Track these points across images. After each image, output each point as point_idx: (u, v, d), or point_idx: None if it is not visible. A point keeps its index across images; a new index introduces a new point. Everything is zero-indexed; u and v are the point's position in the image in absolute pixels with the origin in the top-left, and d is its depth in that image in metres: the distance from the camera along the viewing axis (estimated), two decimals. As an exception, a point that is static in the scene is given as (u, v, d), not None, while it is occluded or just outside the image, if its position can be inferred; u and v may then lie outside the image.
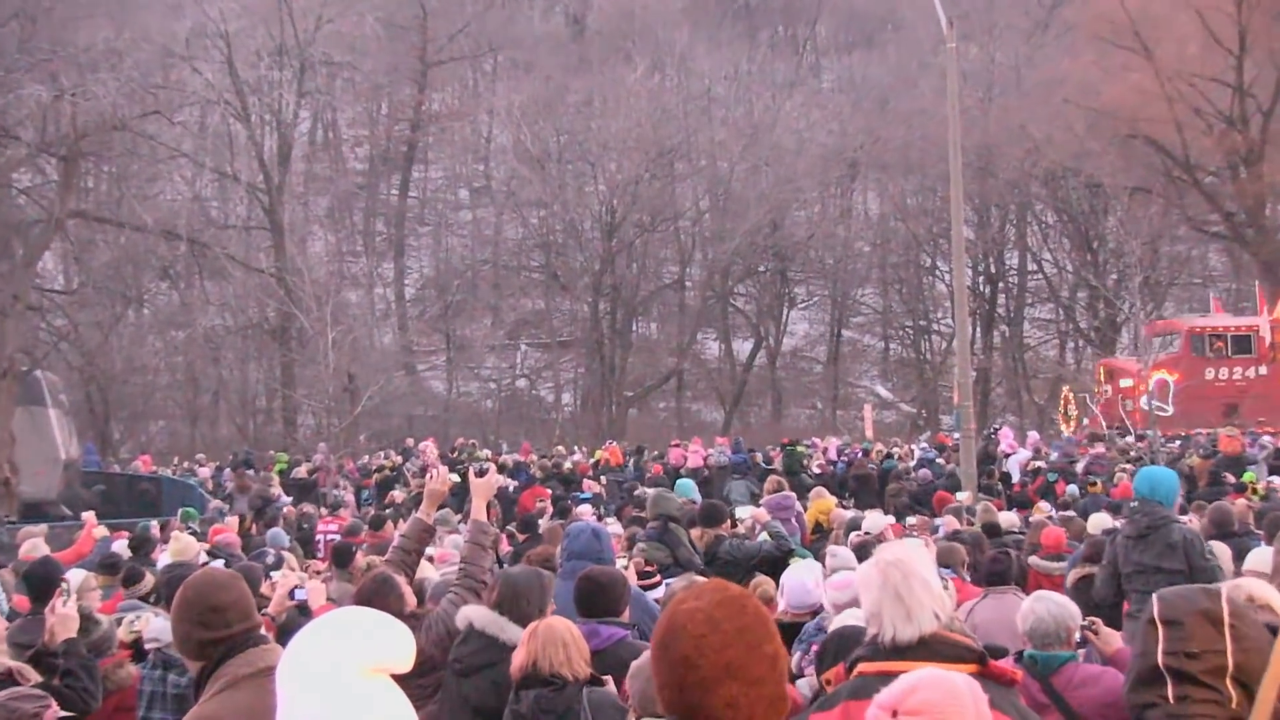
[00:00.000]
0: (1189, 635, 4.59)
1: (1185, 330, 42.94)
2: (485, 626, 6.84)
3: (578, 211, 60.33)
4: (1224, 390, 41.32)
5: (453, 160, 73.75)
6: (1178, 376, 40.99)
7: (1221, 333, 43.37)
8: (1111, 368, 44.95)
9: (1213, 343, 42.90)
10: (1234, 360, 43.04)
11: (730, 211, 61.02)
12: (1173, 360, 41.89)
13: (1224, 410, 41.41)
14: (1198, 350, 42.55)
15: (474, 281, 66.65)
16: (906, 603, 4.76)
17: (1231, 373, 42.87)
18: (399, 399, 50.73)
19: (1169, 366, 41.30)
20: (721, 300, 64.44)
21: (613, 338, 59.78)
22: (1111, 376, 44.13)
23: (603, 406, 58.27)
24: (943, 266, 64.60)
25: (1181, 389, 40.62)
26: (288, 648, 3.41)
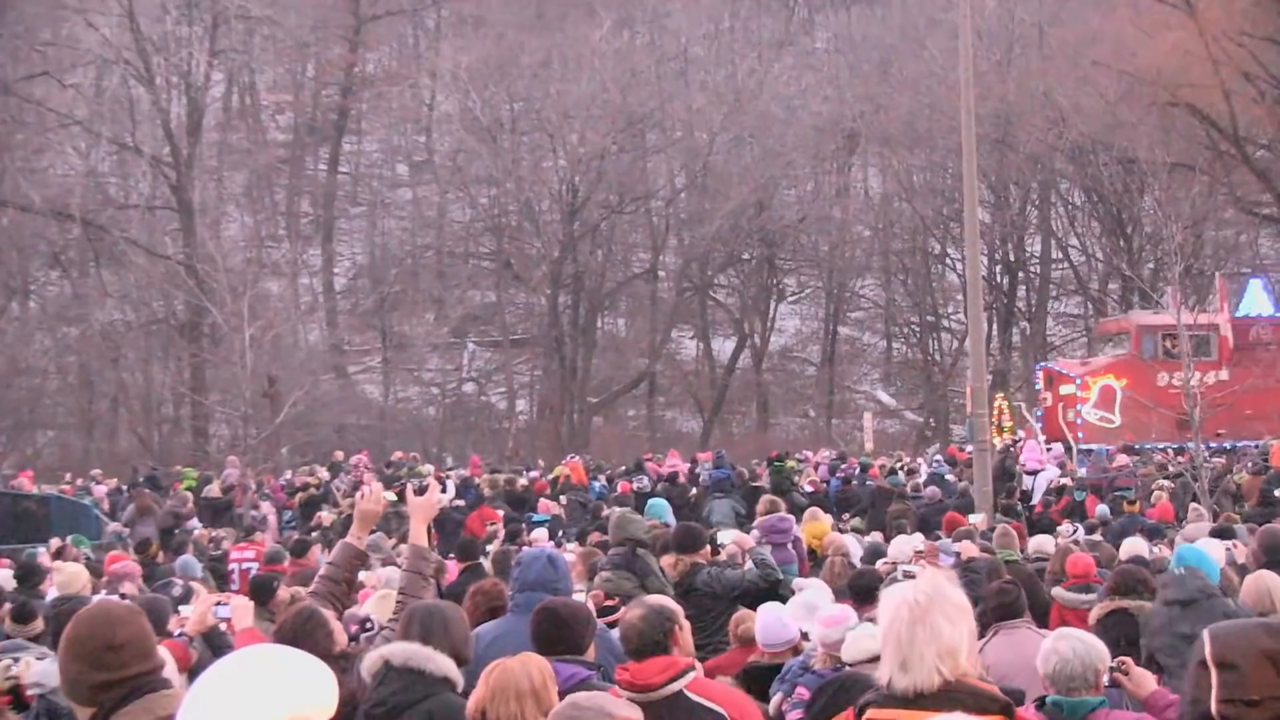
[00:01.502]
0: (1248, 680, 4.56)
1: (1135, 329, 42.90)
2: (408, 660, 6.82)
3: (534, 190, 60.26)
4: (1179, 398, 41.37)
5: (390, 130, 73.60)
6: (1126, 382, 41.16)
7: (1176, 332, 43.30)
8: (1052, 372, 45.00)
9: (1166, 343, 42.89)
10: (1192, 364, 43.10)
11: (710, 190, 61.04)
12: (1121, 364, 42.04)
13: (1178, 421, 41.56)
14: (1149, 352, 42.45)
15: (414, 270, 66.52)
16: (904, 652, 4.79)
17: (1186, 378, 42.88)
18: (327, 406, 50.60)
19: (1116, 371, 41.48)
20: (700, 292, 64.46)
21: (575, 335, 59.77)
22: (1052, 382, 44.13)
23: (563, 414, 58.24)
24: (954, 254, 64.72)
25: (1130, 396, 40.79)
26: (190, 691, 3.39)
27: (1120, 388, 41.11)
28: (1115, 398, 40.93)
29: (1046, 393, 44.45)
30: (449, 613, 7.19)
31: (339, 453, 41.63)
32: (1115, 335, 44.72)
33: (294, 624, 7.30)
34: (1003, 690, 5.04)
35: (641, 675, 6.83)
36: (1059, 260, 68.10)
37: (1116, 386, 41.03)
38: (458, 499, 31.15)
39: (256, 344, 38.30)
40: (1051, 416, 42.92)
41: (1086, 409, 41.07)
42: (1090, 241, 66.78)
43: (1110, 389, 41.00)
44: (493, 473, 36.62)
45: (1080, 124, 55.66)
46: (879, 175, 71.17)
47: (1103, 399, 41.13)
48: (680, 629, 7.23)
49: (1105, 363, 43.26)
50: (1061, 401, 42.45)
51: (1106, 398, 41.27)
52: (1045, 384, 45.02)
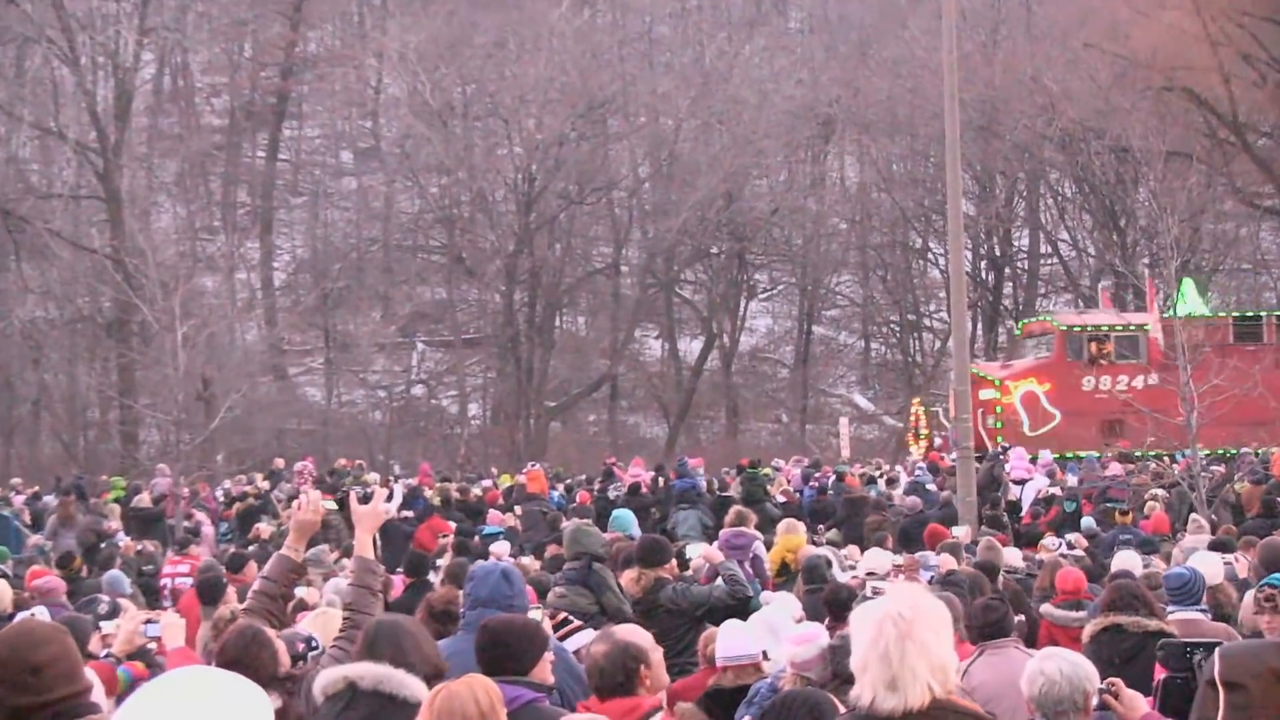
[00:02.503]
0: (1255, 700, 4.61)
1: (1059, 330, 42.94)
2: (379, 684, 6.67)
3: (488, 179, 60.20)
4: (1105, 404, 41.31)
5: (333, 115, 73.47)
6: (1049, 387, 41.26)
7: (1103, 333, 43.24)
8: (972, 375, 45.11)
9: (1092, 345, 42.91)
10: (1118, 367, 42.99)
11: (676, 180, 61.07)
12: (1044, 366, 42.14)
13: (1104, 427, 41.69)
14: (1074, 354, 42.46)
15: (359, 265, 66.41)
16: (894, 668, 4.79)
17: (1115, 382, 42.73)
18: (266, 410, 50.46)
19: (1039, 374, 41.58)
20: (665, 289, 64.48)
21: (531, 335, 59.71)
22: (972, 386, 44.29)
23: (518, 419, 58.16)
24: (936, 248, 64.88)
25: (1054, 401, 40.93)
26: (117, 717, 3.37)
27: (1043, 393, 41.16)
28: (1038, 403, 40.97)
29: None
30: (414, 628, 7.15)
31: (279, 460, 41.50)
32: (1039, 336, 44.70)
33: (237, 644, 7.27)
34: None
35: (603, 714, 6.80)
36: (1048, 255, 68.37)
37: (1039, 391, 41.08)
38: (406, 509, 31.07)
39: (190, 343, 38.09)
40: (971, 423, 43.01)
41: (1007, 415, 41.15)
42: (1081, 235, 67.02)
43: (1032, 394, 41.06)
44: (443, 481, 36.56)
45: (1070, 110, 55.84)
46: (856, 164, 71.32)
47: (1025, 404, 41.20)
48: (648, 667, 7.22)
49: (1027, 366, 43.24)
50: (981, 407, 42.43)
51: (1028, 403, 41.32)
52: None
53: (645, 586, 12.79)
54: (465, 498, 33.35)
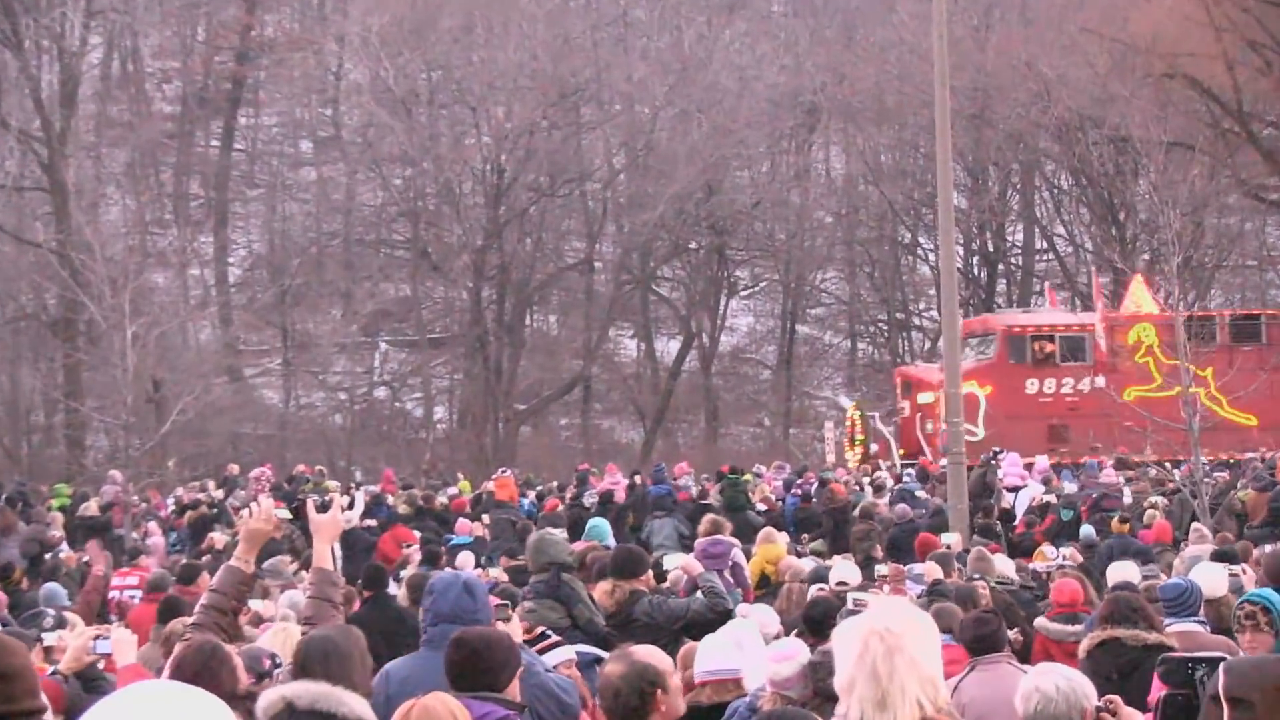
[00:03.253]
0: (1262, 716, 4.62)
1: (1001, 330, 42.87)
2: (316, 702, 6.55)
3: (455, 170, 60.13)
4: (1049, 407, 41.28)
5: (291, 102, 73.30)
6: (990, 390, 41.29)
7: (1047, 333, 43.15)
8: (910, 377, 44.97)
9: (1036, 346, 42.85)
10: (1063, 369, 42.91)
11: (652, 171, 61.07)
12: (985, 369, 42.15)
13: (1048, 433, 41.72)
14: (1017, 356, 42.40)
15: (319, 260, 66.28)
16: (884, 685, 4.79)
17: (1059, 385, 42.66)
18: (220, 413, 50.28)
19: (980, 377, 41.62)
20: (641, 286, 64.48)
21: (500, 334, 59.68)
22: (910, 389, 44.09)
23: (486, 423, 58.14)
24: (926, 243, 64.98)
25: (996, 406, 40.97)
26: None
27: (984, 396, 41.18)
28: (979, 407, 41.04)
29: (904, 401, 44.45)
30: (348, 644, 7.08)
31: (233, 466, 41.43)
32: (981, 336, 44.71)
33: (195, 660, 7.21)
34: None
35: None
36: (1043, 251, 68.51)
37: (980, 395, 41.09)
38: (368, 518, 31.03)
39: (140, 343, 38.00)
40: (909, 428, 42.94)
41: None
42: (1078, 230, 67.19)
43: (972, 398, 41.06)
44: (406, 488, 36.52)
45: (1067, 98, 55.93)
46: (842, 155, 71.38)
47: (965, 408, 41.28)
48: (665, 692, 7.17)
49: (967, 368, 43.20)
50: (920, 411, 42.40)
51: (968, 407, 41.34)
52: (902, 391, 44.98)
53: (620, 599, 12.78)
54: (429, 505, 33.29)
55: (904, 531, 27.24)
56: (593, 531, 18.21)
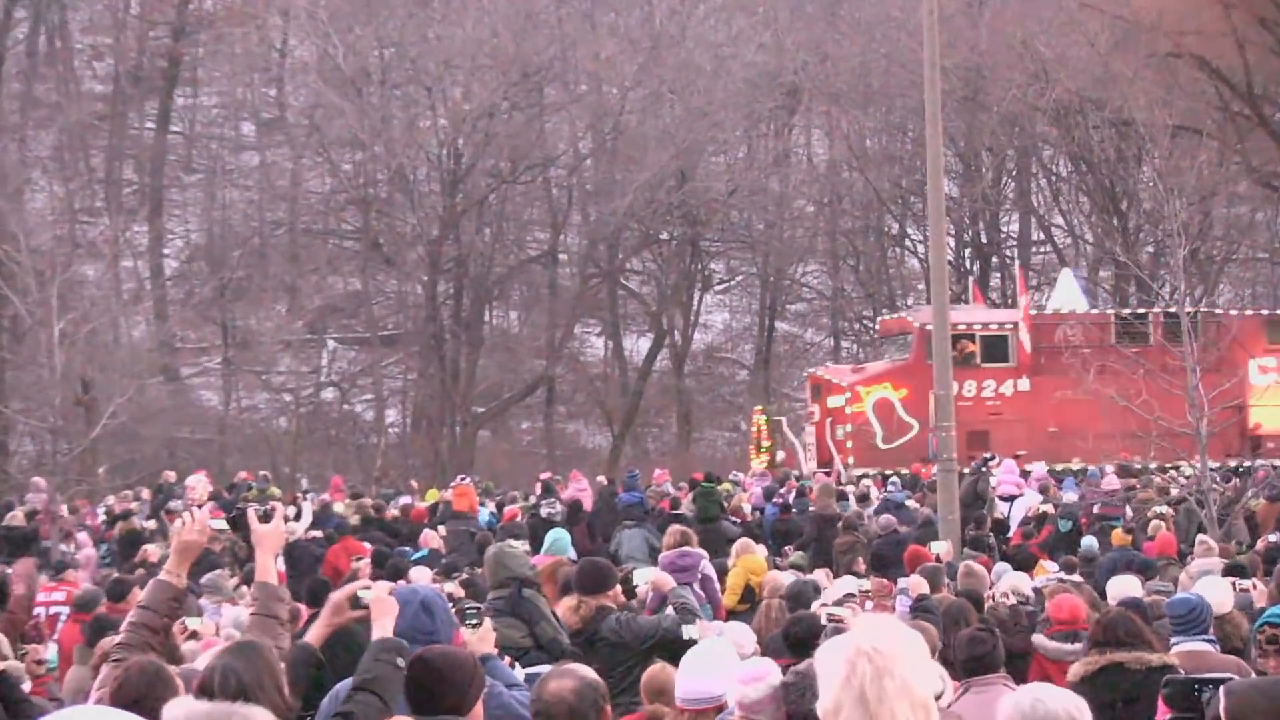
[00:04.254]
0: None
1: (918, 329, 42.79)
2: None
3: (408, 155, 60.05)
4: (970, 412, 41.15)
5: (232, 82, 73.15)
6: (905, 393, 41.35)
7: (966, 332, 43.04)
8: (820, 380, 44.91)
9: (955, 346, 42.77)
10: (984, 370, 42.85)
11: (621, 156, 61.08)
12: (901, 370, 42.22)
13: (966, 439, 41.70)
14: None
15: (262, 252, 66.18)
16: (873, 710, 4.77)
17: (980, 387, 42.62)
18: (155, 416, 50.21)
19: (894, 379, 41.67)
20: (609, 280, 64.49)
21: (457, 331, 59.64)
22: (820, 393, 44.06)
23: (442, 427, 58.11)
24: (915, 234, 65.07)
25: (911, 410, 41.04)
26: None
27: (898, 400, 41.22)
28: (893, 412, 41.05)
29: (814, 405, 44.44)
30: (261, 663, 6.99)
31: (169, 473, 41.27)
32: (896, 336, 44.70)
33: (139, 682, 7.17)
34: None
35: None
36: (1040, 242, 68.63)
37: (894, 398, 41.14)
38: (315, 528, 30.97)
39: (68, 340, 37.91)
40: (819, 434, 42.94)
41: (858, 425, 41.16)
42: (1078, 220, 67.31)
43: (886, 401, 41.07)
44: (355, 497, 36.46)
45: (1066, 79, 56.00)
46: (825, 139, 71.43)
47: (878, 413, 41.24)
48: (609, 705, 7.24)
49: (882, 369, 43.22)
50: (830, 416, 42.37)
51: (882, 411, 41.33)
52: (812, 395, 44.96)
53: (585, 616, 12.76)
54: (380, 515, 33.26)
55: (888, 543, 27.26)
56: (554, 545, 18.18)
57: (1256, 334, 43.37)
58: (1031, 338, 42.33)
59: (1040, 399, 41.80)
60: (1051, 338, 42.38)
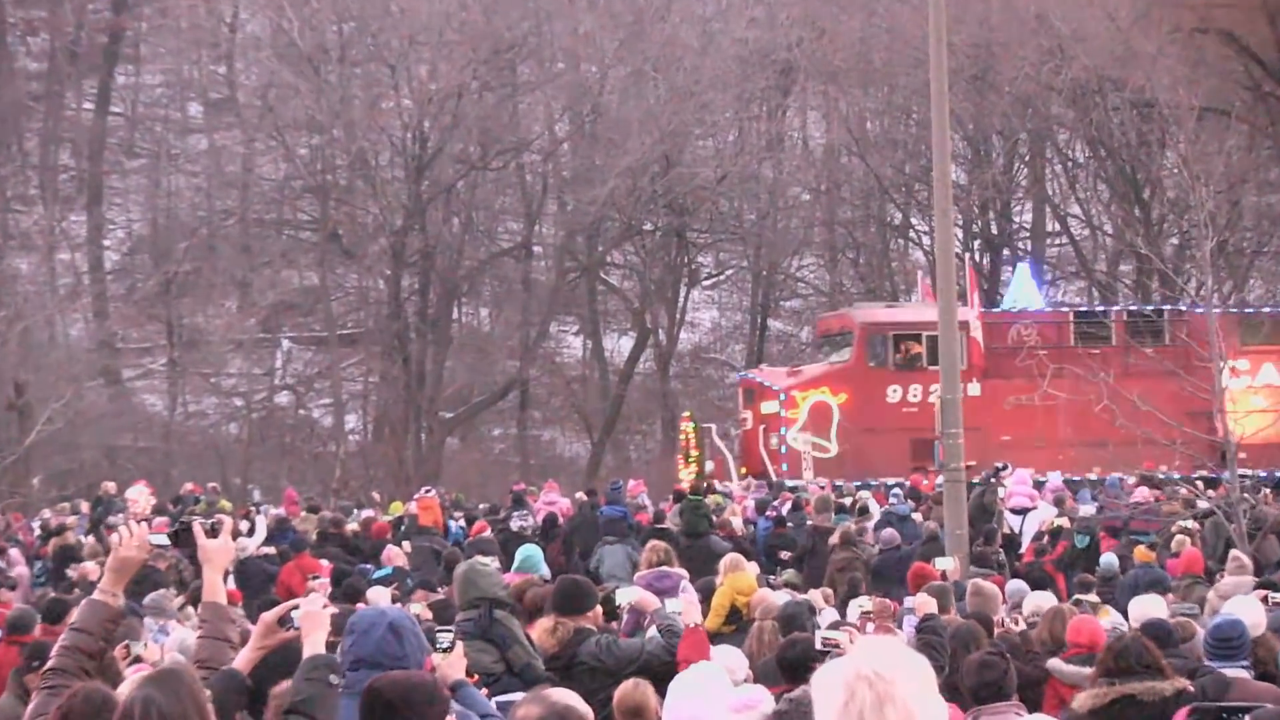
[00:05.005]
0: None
1: (859, 328, 42.59)
2: None
3: (370, 138, 60.03)
4: (914, 418, 41.06)
5: (178, 59, 73.02)
6: (845, 398, 41.31)
7: (912, 332, 42.85)
8: (753, 385, 44.76)
9: (900, 347, 42.55)
10: (931, 374, 42.62)
11: (601, 140, 61.03)
12: (840, 373, 42.17)
13: (911, 448, 41.65)
14: (877, 358, 42.22)
15: (210, 244, 66.06)
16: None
17: (927, 392, 42.02)
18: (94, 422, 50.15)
19: (833, 383, 41.60)
20: (588, 274, 64.44)
21: (423, 330, 59.58)
22: (753, 397, 43.95)
23: (407, 434, 58.03)
24: (920, 224, 65.08)
25: (851, 416, 40.99)
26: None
27: (837, 405, 41.17)
28: (831, 418, 41.00)
29: (746, 411, 44.33)
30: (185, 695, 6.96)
31: (109, 484, 41.23)
32: (836, 336, 44.60)
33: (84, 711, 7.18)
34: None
35: None
36: (1056, 234, 68.68)
37: (832, 403, 41.09)
38: (270, 544, 30.96)
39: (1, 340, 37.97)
40: (751, 442, 42.85)
41: (793, 432, 41.03)
42: (1096, 209, 67.36)
43: (824, 407, 40.99)
44: (311, 510, 36.43)
45: (1083, 56, 56.05)
46: (822, 122, 71.44)
47: (814, 420, 41.11)
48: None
49: (819, 372, 43.08)
50: (763, 423, 42.26)
51: (819, 418, 41.19)
52: (744, 400, 44.83)
53: (562, 639, 12.77)
54: (339, 530, 33.21)
55: (889, 560, 27.28)
56: (524, 562, 18.17)
57: (1229, 335, 43.19)
58: (984, 338, 42.16)
59: (993, 405, 41.53)
60: (1005, 338, 42.20)
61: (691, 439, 44.58)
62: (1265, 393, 42.43)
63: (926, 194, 56.55)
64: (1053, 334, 41.95)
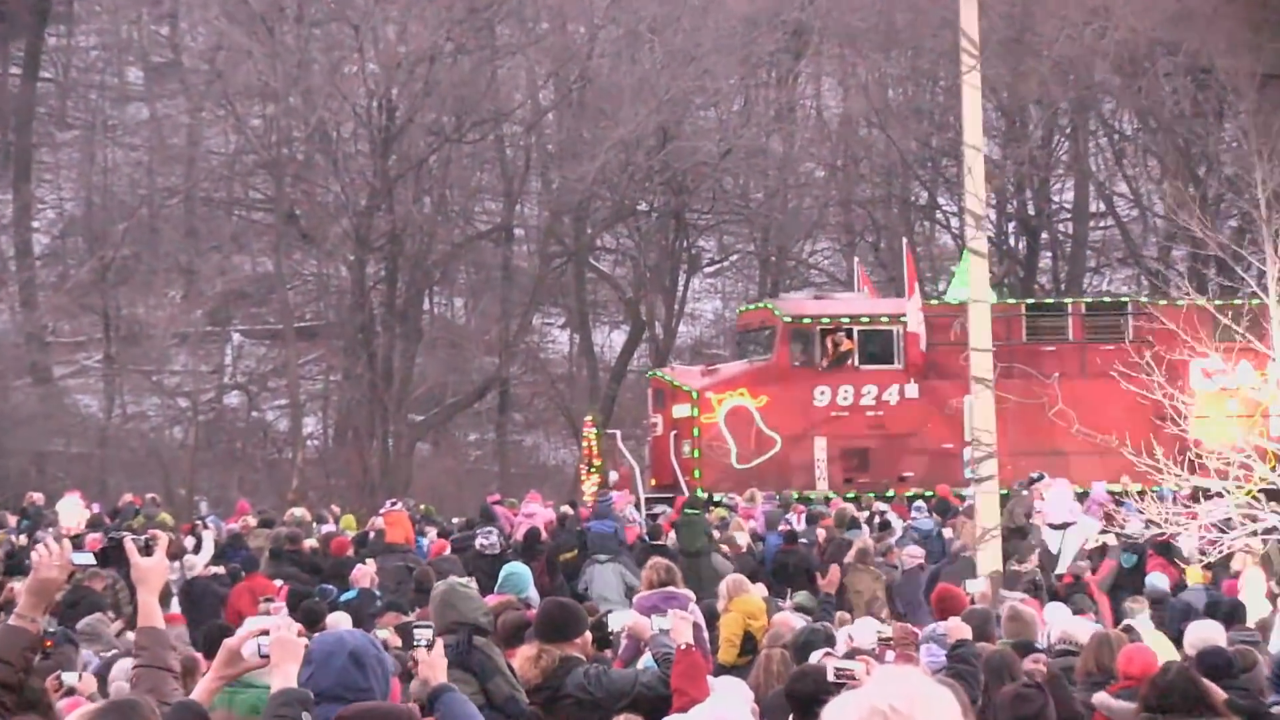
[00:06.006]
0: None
1: (783, 324, 42.28)
2: None
3: (331, 107, 59.99)
4: (845, 424, 40.95)
5: (116, 18, 73.06)
6: (766, 400, 41.19)
7: (842, 326, 42.83)
8: (664, 385, 44.41)
9: (828, 343, 42.23)
10: (864, 374, 42.35)
11: (590, 110, 61.06)
12: (761, 373, 42.06)
13: (843, 457, 41.54)
14: (802, 356, 42.01)
15: (152, 225, 66.07)
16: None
17: (859, 394, 41.97)
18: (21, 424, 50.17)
19: (752, 384, 41.50)
20: (575, 260, 64.46)
21: (390, 322, 59.57)
22: (663, 399, 43.89)
23: (373, 439, 58.00)
24: (948, 205, 65.13)
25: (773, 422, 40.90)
26: None
27: (757, 409, 41.05)
28: (750, 424, 40.92)
29: (655, 415, 44.08)
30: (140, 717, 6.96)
31: (36, 495, 41.23)
32: (757, 332, 44.39)
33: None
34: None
35: None
36: (1101, 214, 68.73)
37: (752, 407, 40.97)
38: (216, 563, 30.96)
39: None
40: (661, 449, 42.65)
41: (708, 439, 40.92)
42: (1146, 188, 67.37)
43: (743, 411, 40.84)
44: (264, 524, 36.41)
45: (1131, 17, 56.08)
46: (837, 90, 71.48)
47: (732, 425, 40.97)
48: None
49: (737, 372, 42.85)
50: (674, 428, 42.06)
51: (738, 424, 41.03)
52: (654, 402, 44.59)
53: (547, 668, 12.74)
54: (297, 547, 33.16)
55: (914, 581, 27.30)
56: (508, 581, 18.14)
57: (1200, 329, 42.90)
58: (924, 334, 41.88)
59: (932, 409, 41.31)
60: (949, 333, 41.83)
61: (594, 446, 44.47)
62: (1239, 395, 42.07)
63: (955, 170, 56.56)
64: (1002, 329, 41.45)
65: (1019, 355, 39.07)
